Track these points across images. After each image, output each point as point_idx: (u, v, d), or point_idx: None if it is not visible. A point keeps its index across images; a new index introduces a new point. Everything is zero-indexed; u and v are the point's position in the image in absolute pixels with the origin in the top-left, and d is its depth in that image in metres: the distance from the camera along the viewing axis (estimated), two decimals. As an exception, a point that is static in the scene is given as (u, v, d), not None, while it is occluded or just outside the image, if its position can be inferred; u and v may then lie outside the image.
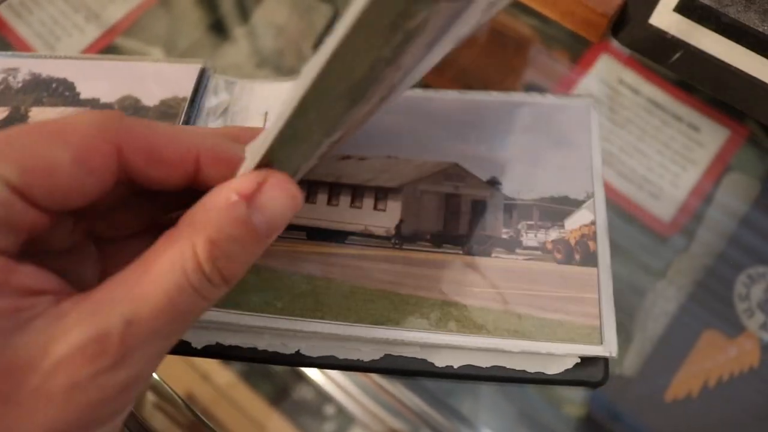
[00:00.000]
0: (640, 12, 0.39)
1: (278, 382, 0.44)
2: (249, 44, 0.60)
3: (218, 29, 0.63)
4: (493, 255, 0.36)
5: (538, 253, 0.36)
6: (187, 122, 0.39)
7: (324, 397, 0.44)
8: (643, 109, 0.52)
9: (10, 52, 0.45)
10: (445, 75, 0.58)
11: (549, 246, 0.36)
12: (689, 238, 0.47)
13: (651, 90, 0.54)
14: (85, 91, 0.41)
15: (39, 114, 0.41)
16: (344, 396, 0.44)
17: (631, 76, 0.55)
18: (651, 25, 0.39)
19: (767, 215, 0.45)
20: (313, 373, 0.44)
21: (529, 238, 0.36)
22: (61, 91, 0.41)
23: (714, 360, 0.40)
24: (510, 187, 0.38)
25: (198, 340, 0.35)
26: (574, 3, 0.39)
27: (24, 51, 0.58)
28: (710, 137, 0.50)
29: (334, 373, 0.44)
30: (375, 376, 0.43)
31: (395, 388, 0.42)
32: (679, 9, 0.39)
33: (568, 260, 0.35)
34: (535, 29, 0.58)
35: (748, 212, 0.46)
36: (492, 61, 0.59)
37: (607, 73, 0.55)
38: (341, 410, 0.44)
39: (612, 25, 0.41)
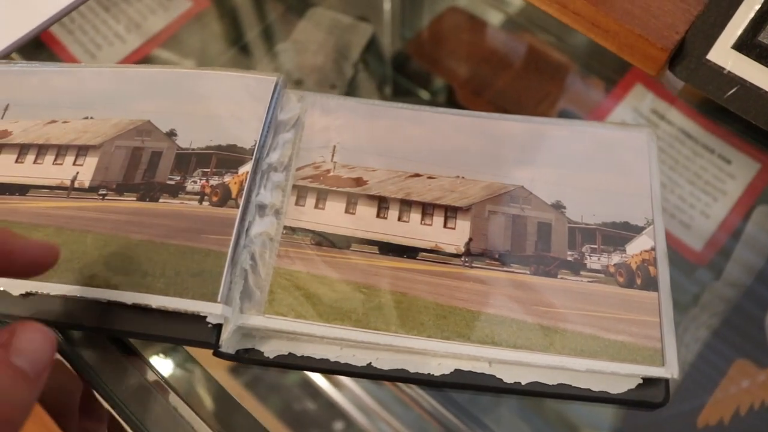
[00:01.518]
0: (699, 47, 0.41)
1: (286, 394, 0.45)
2: (288, 60, 0.61)
3: (258, 44, 0.64)
4: (558, 276, 0.37)
5: (602, 276, 0.37)
6: (261, 136, 0.40)
7: (334, 411, 0.45)
8: (676, 140, 0.53)
9: (59, 63, 0.45)
10: (482, 97, 0.59)
11: (611, 269, 0.37)
12: (720, 266, 0.48)
13: (683, 121, 0.56)
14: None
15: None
16: (355, 410, 0.45)
17: (664, 107, 0.56)
18: (708, 61, 0.41)
19: (796, 247, 0.46)
20: (323, 383, 0.45)
21: (593, 261, 0.38)
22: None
23: (745, 388, 0.41)
24: (573, 211, 0.39)
25: (270, 350, 0.36)
26: (634, 36, 0.41)
27: (64, 58, 0.59)
28: (741, 170, 0.51)
29: (348, 385, 0.45)
30: (392, 386, 0.44)
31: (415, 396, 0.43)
32: (738, 46, 0.40)
33: (630, 284, 0.37)
34: (571, 56, 0.60)
35: (779, 244, 0.47)
36: (527, 85, 0.60)
37: (641, 102, 0.57)
38: (351, 426, 0.45)
39: (669, 59, 0.42)
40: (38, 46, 0.58)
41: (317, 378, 0.46)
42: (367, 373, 0.36)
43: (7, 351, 0.24)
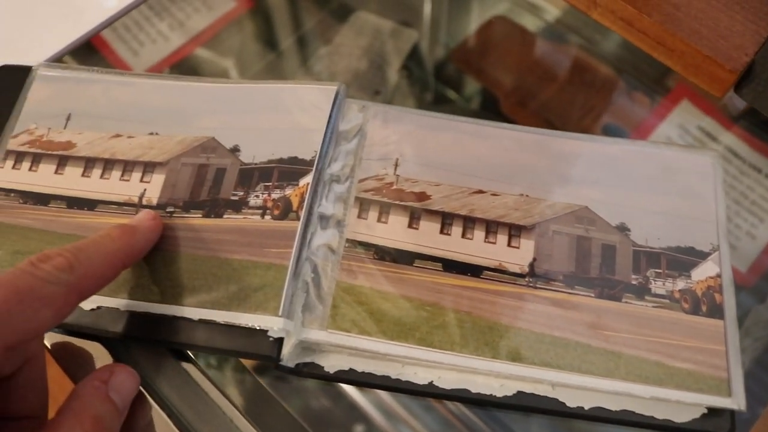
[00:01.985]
0: (768, 70, 0.40)
1: (305, 395, 0.45)
2: (332, 64, 0.61)
3: (300, 47, 0.64)
4: (623, 300, 0.37)
5: (666, 301, 0.37)
6: (322, 147, 0.39)
7: (354, 413, 0.45)
8: (722, 158, 0.53)
9: (118, 72, 0.45)
10: (527, 108, 0.59)
11: (676, 295, 0.37)
12: (765, 289, 0.48)
13: (730, 139, 0.55)
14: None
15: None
16: (377, 412, 0.44)
17: (711, 124, 0.56)
18: (778, 84, 0.40)
19: None
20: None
21: (658, 286, 0.37)
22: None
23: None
24: (638, 234, 0.39)
25: (331, 365, 0.36)
26: (701, 57, 0.40)
27: (107, 54, 0.59)
28: (789, 190, 0.51)
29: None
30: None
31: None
32: (808, 70, 0.40)
33: (695, 311, 0.37)
34: (617, 70, 0.59)
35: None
36: (571, 98, 0.60)
37: (687, 119, 0.57)
38: (372, 428, 0.45)
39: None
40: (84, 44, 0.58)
41: None
42: (428, 392, 0.35)
43: (106, 386, 0.29)
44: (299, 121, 0.40)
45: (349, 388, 0.46)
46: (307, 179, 0.39)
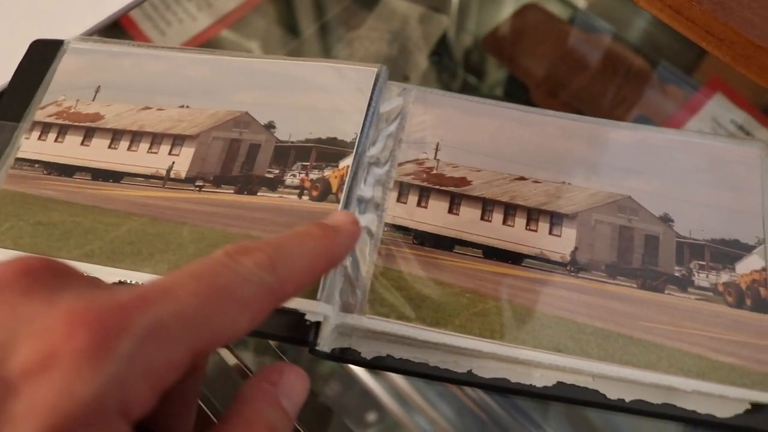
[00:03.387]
0: (819, 63, 0.40)
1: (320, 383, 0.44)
2: (362, 49, 0.60)
3: (328, 31, 0.63)
4: (666, 292, 0.36)
5: (710, 294, 0.36)
6: (362, 129, 0.39)
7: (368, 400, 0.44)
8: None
9: (152, 45, 0.44)
10: (558, 98, 0.58)
11: (720, 288, 0.36)
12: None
13: (765, 134, 0.54)
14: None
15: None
16: (391, 399, 0.44)
17: (745, 118, 0.55)
18: (828, 77, 0.39)
19: None
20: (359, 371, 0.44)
21: (701, 279, 0.37)
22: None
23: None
24: (682, 225, 0.38)
25: (368, 350, 0.35)
26: (753, 47, 0.40)
27: (134, 34, 0.58)
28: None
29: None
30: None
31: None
32: None
33: (739, 305, 0.36)
34: (649, 62, 0.59)
35: None
36: (603, 89, 0.59)
37: (720, 112, 0.56)
38: (385, 415, 0.44)
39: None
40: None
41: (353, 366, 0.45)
42: (466, 381, 0.35)
43: (276, 389, 0.26)
44: (339, 101, 0.40)
45: (361, 374, 0.45)
46: (347, 161, 0.38)
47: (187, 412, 0.27)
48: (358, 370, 0.46)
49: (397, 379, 0.45)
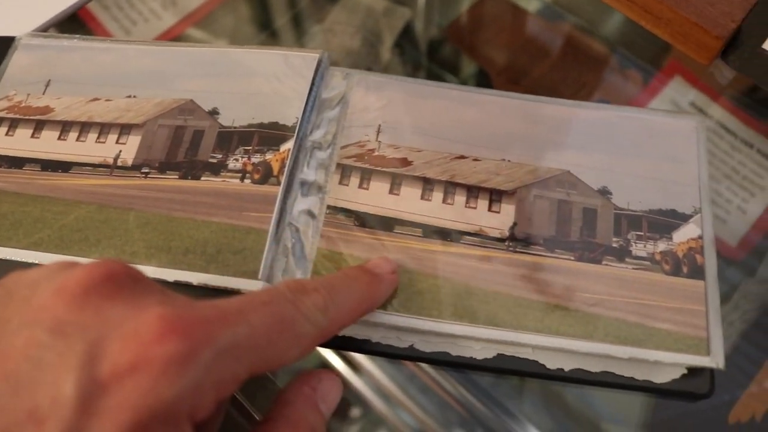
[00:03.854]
0: (755, 36, 0.40)
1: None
2: (324, 43, 0.61)
3: (293, 26, 0.64)
4: (603, 263, 0.37)
5: (647, 263, 0.37)
6: (303, 114, 0.39)
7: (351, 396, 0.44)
8: (714, 133, 0.53)
9: (101, 39, 0.45)
10: (519, 85, 0.59)
11: (657, 257, 0.37)
12: (756, 263, 0.48)
13: (722, 114, 0.55)
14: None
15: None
16: (374, 395, 0.44)
17: (703, 100, 0.56)
18: (764, 50, 0.40)
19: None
20: (341, 366, 0.45)
21: (638, 249, 0.37)
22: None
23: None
24: (620, 197, 0.38)
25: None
26: (689, 24, 0.40)
27: (99, 33, 0.59)
28: (780, 165, 0.51)
29: (369, 368, 0.45)
30: (414, 367, 0.43)
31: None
32: (795, 36, 0.40)
33: (676, 272, 0.36)
34: (609, 47, 0.59)
35: (815, 242, 0.46)
36: (564, 75, 0.60)
37: (679, 95, 0.56)
38: (369, 411, 0.45)
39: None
40: (73, 21, 0.58)
41: (337, 362, 0.46)
42: (408, 356, 0.35)
43: (315, 394, 0.28)
44: (281, 87, 0.40)
45: (343, 370, 0.46)
46: (288, 145, 0.39)
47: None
48: (339, 366, 0.46)
49: (378, 375, 0.46)
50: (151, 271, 0.35)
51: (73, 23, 0.58)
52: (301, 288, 0.27)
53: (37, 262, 0.36)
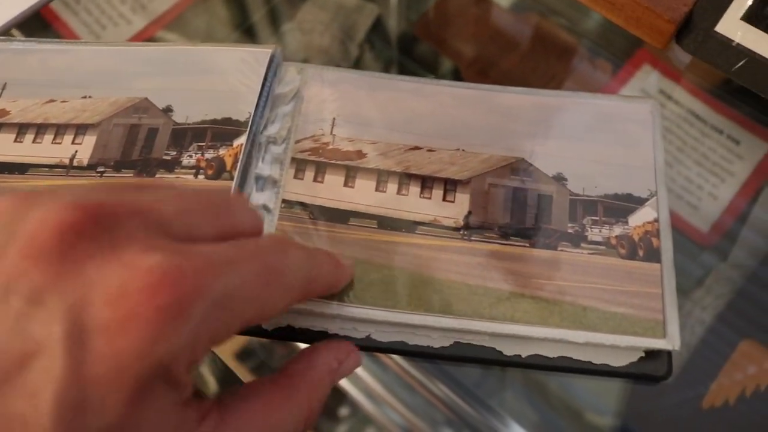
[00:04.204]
0: (707, 19, 0.40)
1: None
2: (294, 41, 0.61)
3: (263, 25, 0.64)
4: (558, 248, 0.37)
5: (602, 248, 0.37)
6: (256, 109, 0.39)
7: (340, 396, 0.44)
8: (684, 120, 0.53)
9: (57, 41, 0.45)
10: (489, 77, 0.59)
11: (613, 241, 0.37)
12: (727, 248, 0.48)
13: (692, 101, 0.55)
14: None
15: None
16: (361, 395, 0.44)
17: (672, 87, 0.56)
18: (717, 33, 0.40)
19: (803, 229, 0.45)
20: None
21: (594, 233, 0.37)
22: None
23: (751, 369, 0.41)
24: (575, 183, 0.38)
25: (269, 322, 0.35)
26: (641, 9, 0.40)
27: (70, 38, 0.59)
28: (750, 150, 0.51)
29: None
30: (398, 368, 0.43)
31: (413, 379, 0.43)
32: (747, 18, 0.39)
33: (632, 256, 0.36)
34: (579, 37, 0.59)
35: (785, 226, 0.46)
36: (534, 66, 0.60)
37: (649, 83, 0.56)
38: (357, 410, 0.45)
39: (676, 32, 0.42)
40: (43, 27, 0.58)
41: None
42: (366, 346, 0.35)
43: (338, 369, 0.30)
44: (234, 83, 0.40)
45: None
46: (241, 140, 0.39)
47: None
48: None
49: (365, 375, 0.46)
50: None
51: (43, 30, 0.58)
52: (286, 241, 0.27)
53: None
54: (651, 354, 0.35)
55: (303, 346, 0.42)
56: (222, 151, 0.39)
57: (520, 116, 0.40)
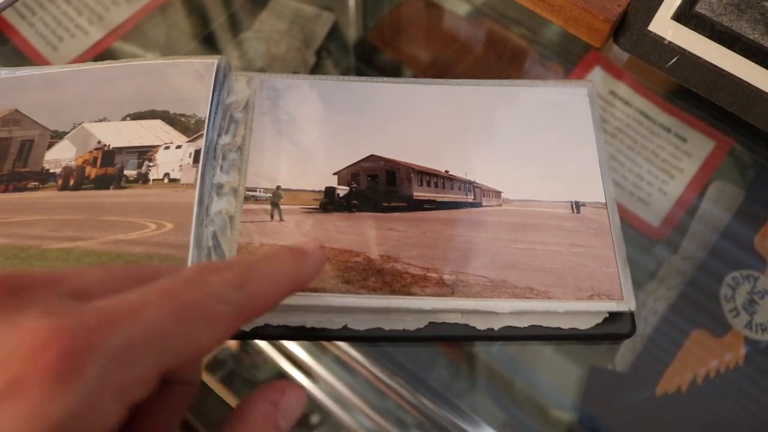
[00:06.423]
0: (641, 19, 0.42)
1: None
2: (252, 49, 0.61)
3: (221, 34, 0.64)
4: None
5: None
6: (209, 116, 0.40)
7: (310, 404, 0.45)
8: (634, 120, 0.54)
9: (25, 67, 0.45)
10: (444, 81, 0.60)
11: None
12: (677, 241, 0.49)
13: (641, 102, 0.56)
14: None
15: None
16: (331, 401, 0.45)
17: (623, 89, 0.57)
18: (650, 32, 0.42)
19: (749, 222, 0.47)
20: (299, 376, 0.46)
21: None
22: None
23: (702, 357, 0.42)
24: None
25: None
26: (579, 9, 0.42)
27: (26, 51, 0.59)
28: (697, 148, 0.52)
29: (325, 376, 0.45)
30: (368, 373, 0.44)
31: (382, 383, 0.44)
32: (677, 17, 0.42)
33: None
34: (531, 42, 0.61)
35: (732, 219, 0.48)
36: (487, 71, 0.61)
37: (600, 85, 0.58)
38: (328, 417, 0.45)
39: (613, 32, 0.43)
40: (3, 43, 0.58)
41: (293, 371, 0.46)
42: (343, 336, 0.36)
43: (275, 410, 0.26)
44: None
45: (302, 377, 0.46)
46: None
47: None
48: (295, 375, 0.47)
49: (334, 381, 0.46)
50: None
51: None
52: (207, 269, 0.24)
53: None
54: (614, 315, 0.37)
55: (288, 343, 0.44)
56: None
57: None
